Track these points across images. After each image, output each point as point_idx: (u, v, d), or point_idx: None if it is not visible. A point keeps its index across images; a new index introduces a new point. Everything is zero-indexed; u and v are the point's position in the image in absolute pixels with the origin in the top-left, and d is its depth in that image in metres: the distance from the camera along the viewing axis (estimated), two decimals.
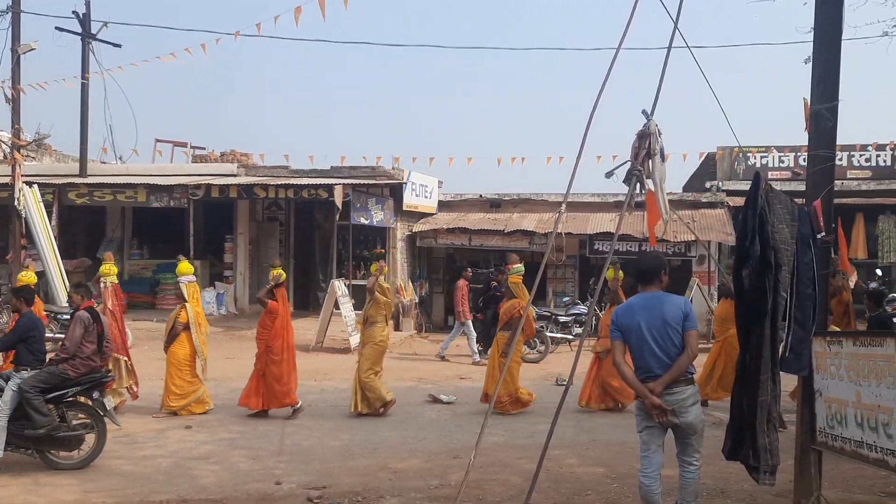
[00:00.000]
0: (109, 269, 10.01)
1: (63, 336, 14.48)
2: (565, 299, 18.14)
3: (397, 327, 18.62)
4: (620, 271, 10.93)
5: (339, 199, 16.19)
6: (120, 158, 21.85)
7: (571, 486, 6.65)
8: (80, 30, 18.38)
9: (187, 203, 17.15)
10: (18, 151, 16.33)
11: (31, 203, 16.02)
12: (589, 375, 10.17)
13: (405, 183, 19.09)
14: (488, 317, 14.92)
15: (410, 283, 19.86)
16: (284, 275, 10.32)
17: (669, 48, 4.69)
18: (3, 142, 17.82)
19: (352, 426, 9.26)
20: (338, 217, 16.97)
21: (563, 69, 65.40)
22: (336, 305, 15.99)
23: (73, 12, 18.29)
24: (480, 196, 21.59)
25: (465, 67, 70.51)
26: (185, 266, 10.15)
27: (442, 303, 21.53)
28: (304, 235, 20.84)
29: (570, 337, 16.03)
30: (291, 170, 19.30)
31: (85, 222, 20.43)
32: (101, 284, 9.98)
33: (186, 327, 9.82)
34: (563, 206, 5.42)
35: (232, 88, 58.77)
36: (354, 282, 17.82)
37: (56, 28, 17.97)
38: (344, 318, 15.88)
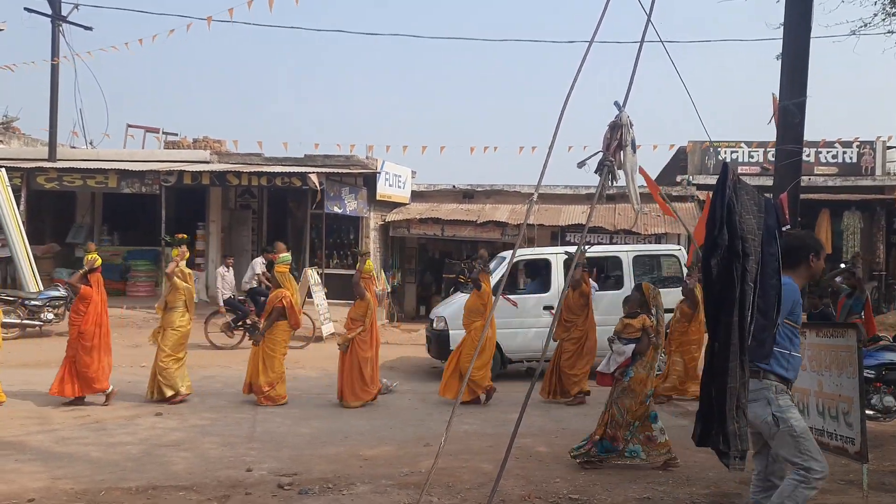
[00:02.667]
0: None
1: (29, 321, 14.36)
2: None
3: None
4: (369, 262, 10.63)
5: (315, 185, 16.14)
6: (90, 143, 21.59)
7: (541, 474, 6.74)
8: (49, 11, 18.05)
9: (159, 189, 16.97)
10: None
11: None
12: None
13: (379, 172, 19.06)
14: None
15: (383, 273, 19.86)
16: (99, 259, 9.89)
17: (642, 42, 4.75)
18: None
19: (323, 414, 9.28)
20: (312, 205, 16.90)
21: (535, 59, 65.65)
22: (309, 294, 15.96)
23: None
24: (454, 187, 21.62)
25: (440, 56, 70.41)
26: None
27: (414, 292, 21.56)
28: (276, 224, 20.72)
29: None
30: (265, 157, 19.17)
31: (54, 207, 20.12)
32: None
33: None
34: (535, 195, 5.47)
35: (205, 74, 58.11)
36: (327, 270, 17.79)
37: (25, 9, 17.65)
38: (316, 306, 15.85)
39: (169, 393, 9.56)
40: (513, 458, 7.06)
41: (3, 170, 16.13)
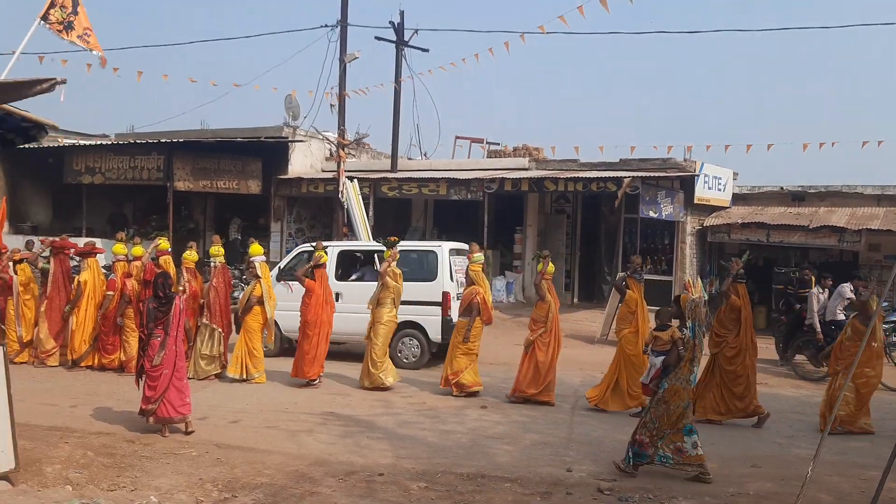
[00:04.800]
0: (217, 251, 11.35)
1: None
2: (884, 304, 16.14)
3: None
4: (551, 264, 10.21)
5: (616, 202, 16.18)
6: (424, 154, 23.70)
7: None
8: (394, 38, 20.23)
9: (482, 196, 18.14)
10: (342, 150, 18.54)
11: (352, 195, 18.09)
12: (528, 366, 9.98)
13: (697, 175, 18.31)
14: (790, 319, 13.90)
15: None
16: (325, 256, 11.15)
17: None
18: (331, 141, 20.27)
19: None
20: (617, 207, 16.84)
21: (882, 45, 57.81)
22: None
23: (390, 22, 20.17)
24: (781, 188, 19.97)
25: (769, 50, 65.29)
26: (256, 248, 11.26)
27: None
28: (589, 228, 20.94)
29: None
30: (580, 163, 19.47)
31: (393, 212, 22.50)
32: (211, 264, 11.32)
33: (260, 301, 10.89)
34: None
35: (526, 83, 60.59)
36: None
37: (376, 38, 19.98)
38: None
39: (379, 382, 10.50)
40: (858, 491, 6.40)
41: (356, 180, 18.48)
